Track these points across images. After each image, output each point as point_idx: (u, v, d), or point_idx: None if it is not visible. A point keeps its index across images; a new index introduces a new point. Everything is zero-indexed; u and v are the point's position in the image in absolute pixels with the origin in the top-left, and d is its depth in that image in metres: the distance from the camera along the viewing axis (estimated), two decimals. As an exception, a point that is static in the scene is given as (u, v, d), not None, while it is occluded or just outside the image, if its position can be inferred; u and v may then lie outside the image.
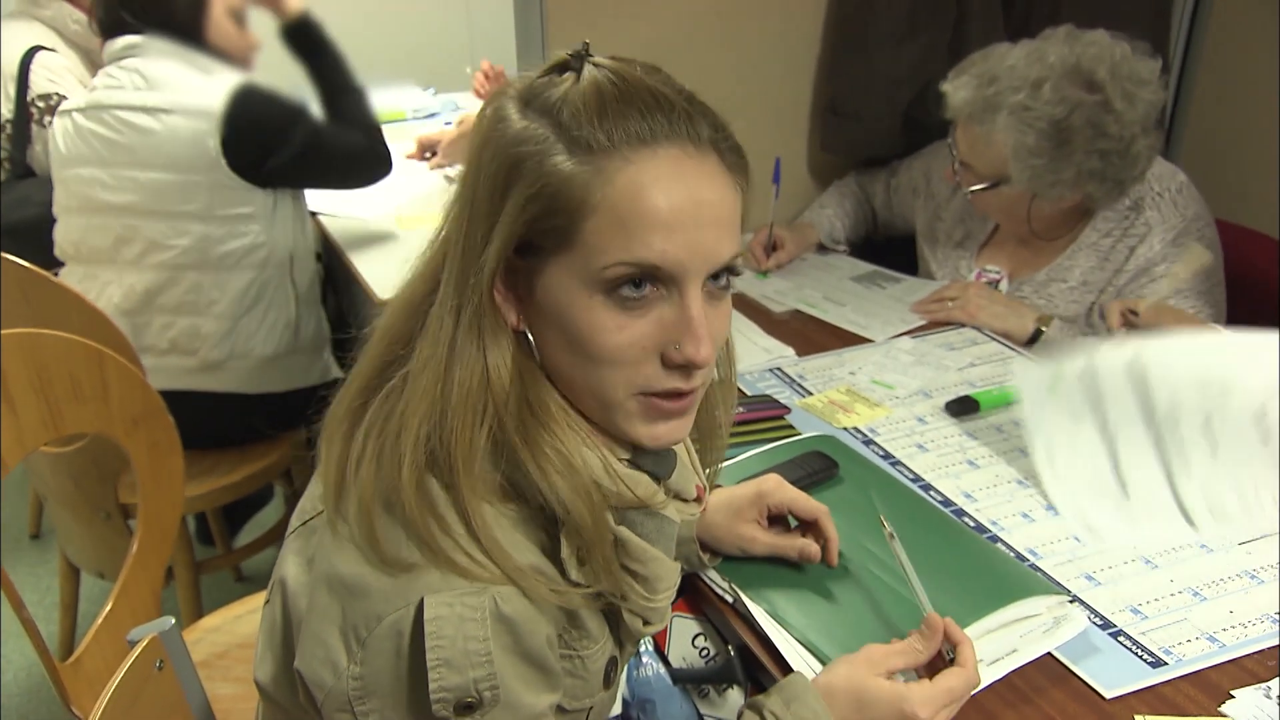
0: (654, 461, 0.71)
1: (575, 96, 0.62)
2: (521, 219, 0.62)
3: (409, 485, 0.62)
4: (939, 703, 0.73)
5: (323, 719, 0.65)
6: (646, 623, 0.72)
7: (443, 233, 0.68)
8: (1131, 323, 1.24)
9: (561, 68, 0.65)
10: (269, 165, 1.54)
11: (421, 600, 0.61)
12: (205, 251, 1.57)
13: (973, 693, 0.80)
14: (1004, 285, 1.53)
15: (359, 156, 1.63)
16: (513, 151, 0.62)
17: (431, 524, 0.62)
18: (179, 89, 1.54)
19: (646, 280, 0.63)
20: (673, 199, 0.62)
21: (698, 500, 0.77)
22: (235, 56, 1.64)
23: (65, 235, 1.64)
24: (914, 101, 1.80)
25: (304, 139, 1.56)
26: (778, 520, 0.95)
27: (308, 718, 0.67)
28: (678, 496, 0.74)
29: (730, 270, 0.66)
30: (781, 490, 0.93)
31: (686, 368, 0.64)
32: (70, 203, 1.62)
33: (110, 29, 1.58)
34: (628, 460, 0.69)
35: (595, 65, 0.64)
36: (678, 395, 0.66)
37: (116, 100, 1.55)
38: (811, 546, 0.91)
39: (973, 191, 1.45)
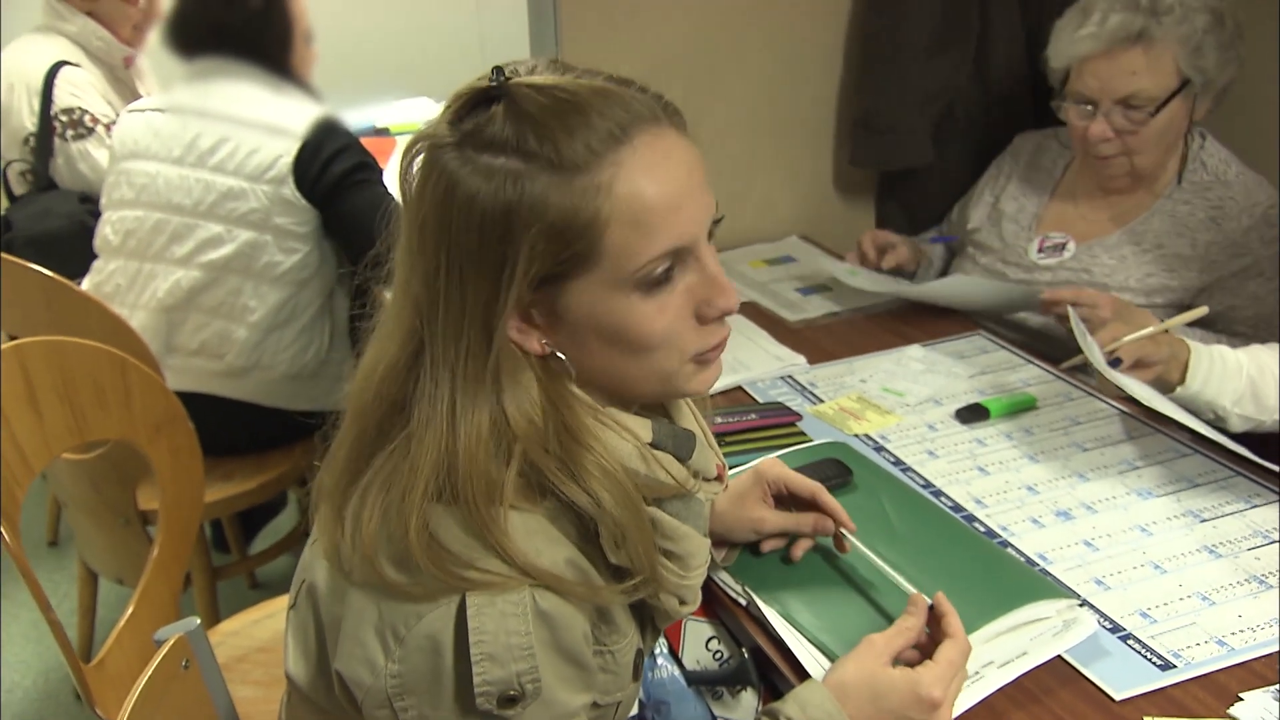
0: (675, 442, 0.72)
1: (531, 122, 0.61)
2: (535, 260, 0.62)
3: (415, 539, 0.62)
4: (947, 677, 0.75)
5: (363, 716, 0.66)
6: (683, 602, 0.74)
7: (407, 296, 0.66)
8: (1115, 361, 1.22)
9: (484, 100, 0.64)
10: (322, 179, 1.58)
11: (463, 597, 0.62)
12: (253, 258, 1.61)
13: (984, 696, 0.82)
14: (1070, 248, 1.51)
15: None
16: (496, 203, 0.61)
17: (447, 565, 0.62)
18: (266, 107, 1.59)
19: (674, 265, 0.66)
20: (668, 182, 0.64)
21: (718, 479, 0.78)
22: (306, 77, 1.70)
23: (116, 226, 1.66)
24: (943, 113, 1.81)
25: (357, 167, 1.59)
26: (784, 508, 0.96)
27: (345, 715, 0.69)
28: (700, 476, 0.76)
29: (715, 219, 0.69)
30: (777, 467, 0.95)
31: (721, 318, 0.69)
32: (127, 195, 1.65)
33: (192, 50, 1.63)
34: (650, 444, 0.70)
35: (525, 86, 0.63)
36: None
37: (202, 106, 1.61)
38: (824, 520, 0.93)
39: (1155, 112, 1.37)
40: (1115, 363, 1.20)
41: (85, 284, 1.70)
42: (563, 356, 0.68)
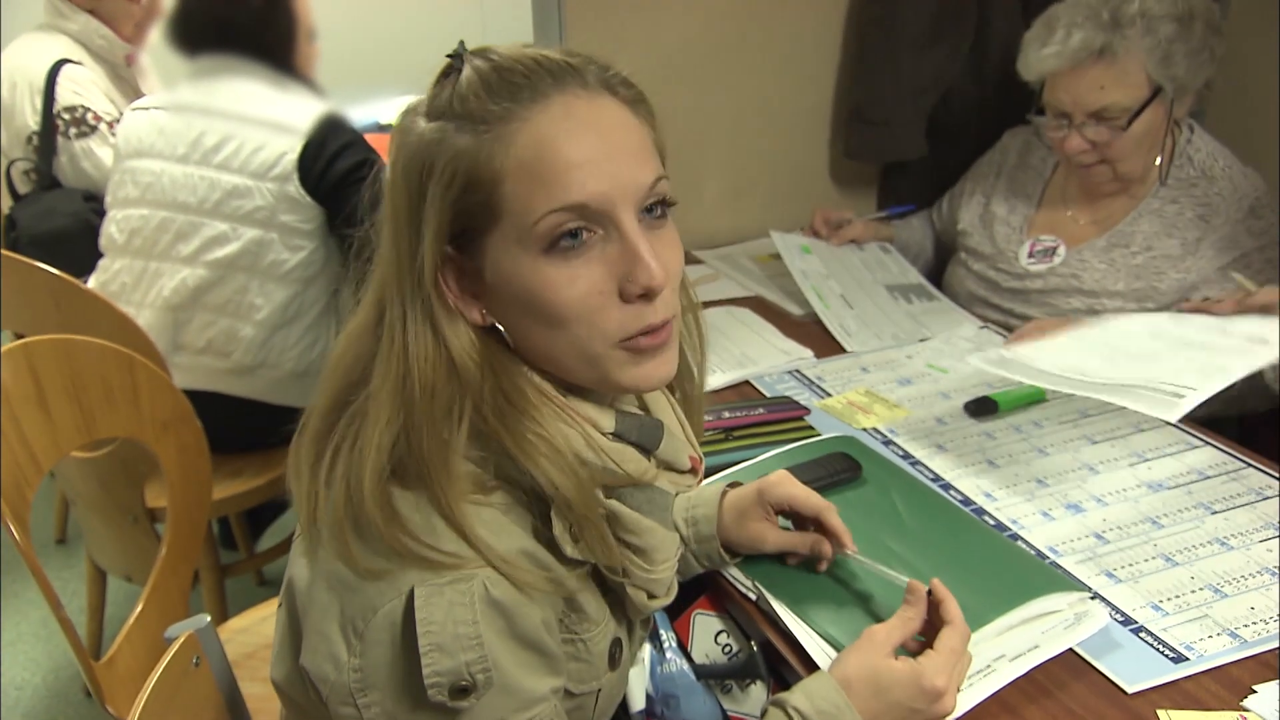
0: (639, 433, 0.72)
1: (462, 89, 0.65)
2: (443, 208, 0.64)
3: (371, 498, 0.63)
4: (949, 665, 0.76)
5: (329, 712, 0.66)
6: (652, 596, 0.73)
7: (379, 259, 0.69)
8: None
9: (446, 73, 0.67)
10: (327, 175, 1.58)
11: (412, 589, 0.62)
12: (258, 256, 1.61)
13: (996, 689, 0.81)
14: (1060, 253, 1.51)
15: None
16: (420, 156, 0.65)
17: (399, 535, 0.63)
18: (269, 105, 1.59)
19: (581, 227, 0.64)
20: (576, 139, 0.64)
21: (693, 472, 0.78)
22: (310, 74, 1.70)
23: (121, 225, 1.66)
24: (937, 106, 1.80)
25: (361, 164, 1.59)
26: (800, 523, 0.95)
27: (321, 713, 0.69)
28: (670, 468, 0.75)
29: (663, 202, 0.68)
30: (781, 486, 0.92)
31: (647, 296, 0.66)
32: (132, 193, 1.65)
33: (195, 47, 1.63)
34: (612, 434, 0.70)
35: (474, 56, 0.66)
36: (653, 330, 0.67)
37: (206, 104, 1.61)
38: (822, 543, 0.91)
39: (1128, 125, 1.37)
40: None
41: (91, 283, 1.70)
42: (501, 328, 0.68)
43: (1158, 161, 1.44)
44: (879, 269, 1.69)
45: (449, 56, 0.67)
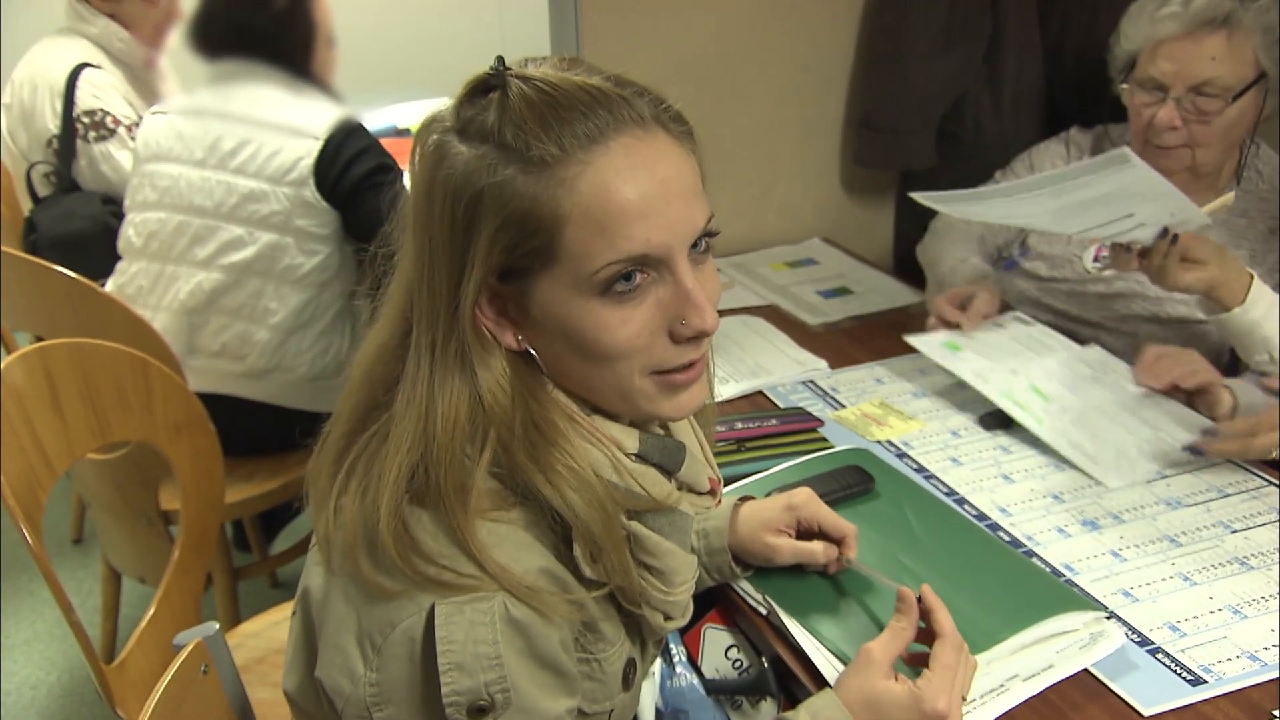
0: (662, 455, 0.72)
1: (512, 115, 0.62)
2: (496, 249, 0.63)
3: (387, 529, 0.63)
4: (948, 684, 0.74)
5: None
6: (668, 618, 0.73)
7: (402, 276, 0.68)
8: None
9: (483, 89, 0.65)
10: (343, 180, 1.58)
11: (432, 606, 0.62)
12: (274, 260, 1.61)
13: (1009, 709, 0.80)
14: None
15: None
16: (468, 186, 0.62)
17: (416, 560, 0.63)
18: (286, 109, 1.60)
19: (635, 270, 0.64)
20: (639, 187, 0.63)
21: (711, 493, 0.77)
22: (328, 79, 1.70)
23: (139, 228, 1.68)
24: (948, 114, 1.79)
25: (377, 169, 1.59)
26: (805, 536, 0.95)
27: None
28: (690, 489, 0.75)
29: (707, 234, 0.68)
30: (813, 504, 0.92)
31: (696, 338, 0.67)
32: (150, 197, 1.66)
33: (214, 51, 1.64)
34: (635, 455, 0.70)
35: (518, 78, 0.64)
36: (690, 365, 0.68)
37: (224, 108, 1.62)
38: (833, 551, 0.91)
39: (1233, 101, 1.32)
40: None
41: (109, 285, 1.72)
42: (534, 353, 0.68)
43: (1229, 166, 1.41)
44: (1039, 348, 1.37)
45: (488, 73, 0.65)
